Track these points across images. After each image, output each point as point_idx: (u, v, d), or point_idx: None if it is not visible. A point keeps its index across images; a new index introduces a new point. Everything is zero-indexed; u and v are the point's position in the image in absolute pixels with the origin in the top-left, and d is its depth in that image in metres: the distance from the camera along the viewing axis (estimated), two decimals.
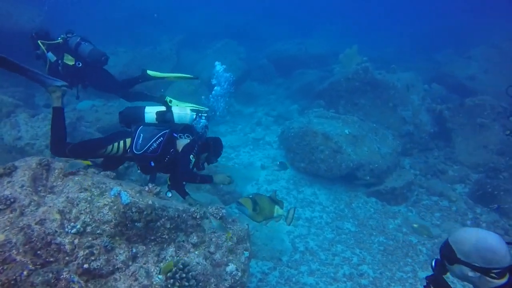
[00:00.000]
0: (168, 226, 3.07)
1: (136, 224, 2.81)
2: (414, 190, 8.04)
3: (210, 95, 4.86)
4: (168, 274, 2.63)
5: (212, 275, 3.06)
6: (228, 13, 20.69)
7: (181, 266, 2.69)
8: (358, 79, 9.59)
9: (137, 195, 2.98)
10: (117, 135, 4.03)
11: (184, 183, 4.35)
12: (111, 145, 3.90)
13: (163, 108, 4.34)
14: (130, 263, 2.68)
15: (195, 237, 3.28)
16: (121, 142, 3.95)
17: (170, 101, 4.60)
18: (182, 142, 4.15)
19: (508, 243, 1.91)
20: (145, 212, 2.85)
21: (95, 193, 2.84)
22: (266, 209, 3.95)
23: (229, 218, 3.81)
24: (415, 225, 6.54)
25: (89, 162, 3.09)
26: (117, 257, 2.66)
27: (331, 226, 6.94)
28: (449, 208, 7.60)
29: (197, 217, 3.35)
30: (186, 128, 4.32)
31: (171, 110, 4.35)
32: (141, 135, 3.92)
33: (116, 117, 5.25)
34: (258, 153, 9.47)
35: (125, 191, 2.83)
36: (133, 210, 2.78)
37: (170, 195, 4.09)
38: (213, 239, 3.43)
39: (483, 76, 11.98)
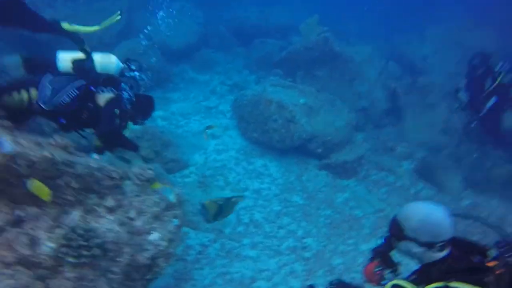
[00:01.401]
0: (74, 185, 2.53)
1: (24, 180, 2.24)
2: (364, 165, 8.04)
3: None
4: (62, 241, 2.12)
5: (127, 244, 2.60)
6: None
7: (81, 232, 2.19)
8: (317, 49, 9.24)
9: (33, 146, 2.39)
10: (19, 83, 3.30)
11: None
12: (10, 95, 3.16)
13: (81, 55, 3.60)
14: (8, 228, 2.12)
15: (111, 200, 2.78)
16: (24, 92, 3.21)
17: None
18: (104, 96, 3.51)
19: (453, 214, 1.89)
20: (38, 167, 2.28)
21: None
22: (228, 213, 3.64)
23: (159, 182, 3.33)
24: None
25: None
26: None
27: (280, 198, 6.72)
28: (394, 183, 7.70)
29: (115, 177, 2.83)
30: (110, 80, 3.66)
31: (92, 58, 3.64)
32: (48, 85, 3.24)
33: None
34: (209, 122, 8.91)
35: (10, 139, 2.23)
36: (21, 163, 2.20)
37: (96, 156, 3.50)
38: (134, 203, 2.95)
39: (434, 57, 12.24)
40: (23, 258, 2.01)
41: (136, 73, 3.84)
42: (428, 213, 1.85)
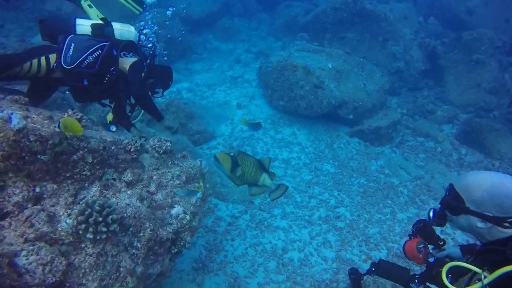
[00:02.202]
0: (89, 160, 2.43)
1: (39, 157, 2.16)
2: (400, 131, 7.53)
3: None
4: (80, 218, 2.04)
5: (148, 219, 2.50)
6: None
7: (97, 208, 2.10)
8: (346, 9, 8.57)
9: (44, 121, 2.29)
10: (37, 50, 3.18)
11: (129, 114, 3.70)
12: (29, 62, 3.06)
13: (99, 22, 3.47)
14: (29, 205, 2.06)
15: (129, 175, 2.67)
16: (43, 59, 3.11)
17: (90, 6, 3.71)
18: (127, 61, 3.38)
19: None
20: (50, 142, 2.18)
21: None
22: (250, 174, 3.12)
23: (178, 154, 3.19)
24: None
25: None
26: (10, 199, 2.04)
27: (310, 167, 6.47)
28: (434, 149, 7.17)
29: (131, 150, 2.71)
30: (130, 46, 3.52)
31: (111, 25, 3.50)
32: (72, 45, 3.06)
33: None
34: (235, 92, 8.70)
35: (19, 114, 2.12)
36: (31, 139, 2.11)
37: (114, 129, 3.42)
38: (154, 177, 2.83)
39: (483, 10, 10.98)
40: (44, 234, 1.96)
41: (156, 44, 3.67)
42: (497, 183, 1.53)
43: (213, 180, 5.75)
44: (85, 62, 3.07)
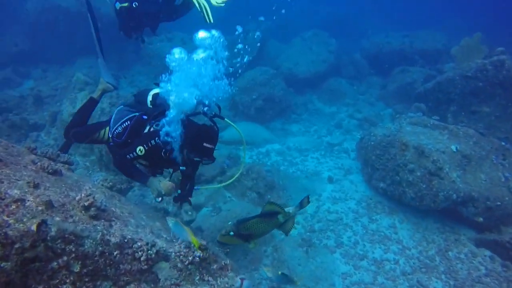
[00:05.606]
0: (76, 269, 1.77)
1: None
2: None
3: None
4: None
5: None
6: (328, 4, 18.87)
7: None
8: (482, 78, 6.92)
9: (38, 207, 1.75)
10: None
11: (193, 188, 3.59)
12: (103, 130, 3.38)
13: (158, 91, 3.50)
14: None
15: None
16: (108, 128, 3.42)
17: None
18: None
19: None
20: (17, 245, 1.59)
21: None
22: (266, 228, 2.95)
23: (214, 264, 2.32)
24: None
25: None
26: None
27: (410, 280, 4.81)
28: None
29: (142, 258, 1.97)
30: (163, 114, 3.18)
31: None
32: (113, 116, 3.33)
33: None
34: (329, 162, 7.67)
35: None
36: None
37: (159, 200, 2.99)
38: None
39: None
40: None
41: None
42: None
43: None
44: (115, 132, 3.20)
